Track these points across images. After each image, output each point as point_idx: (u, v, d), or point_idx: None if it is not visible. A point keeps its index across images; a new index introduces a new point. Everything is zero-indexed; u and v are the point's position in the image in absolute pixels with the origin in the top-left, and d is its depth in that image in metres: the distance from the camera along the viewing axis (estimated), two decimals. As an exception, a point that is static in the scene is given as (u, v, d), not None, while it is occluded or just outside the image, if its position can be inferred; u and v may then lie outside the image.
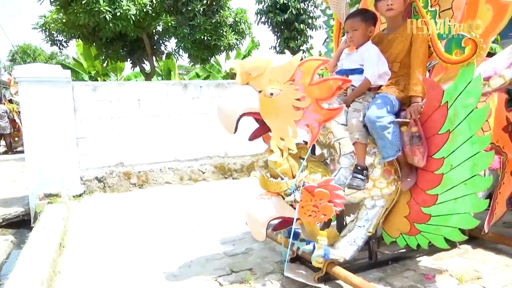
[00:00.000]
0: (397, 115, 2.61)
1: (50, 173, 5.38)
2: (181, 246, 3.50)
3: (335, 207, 2.50)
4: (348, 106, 2.67)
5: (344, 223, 3.08)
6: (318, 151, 2.89)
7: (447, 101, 2.35)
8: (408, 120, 2.52)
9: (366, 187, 2.58)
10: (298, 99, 2.44)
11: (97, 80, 14.34)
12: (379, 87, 2.73)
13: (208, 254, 3.25)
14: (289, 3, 14.50)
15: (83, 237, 3.92)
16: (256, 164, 6.81)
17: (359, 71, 2.70)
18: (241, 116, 2.46)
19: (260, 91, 2.46)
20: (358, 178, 2.52)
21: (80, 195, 5.53)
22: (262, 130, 2.56)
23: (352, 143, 2.59)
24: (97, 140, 5.91)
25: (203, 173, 6.42)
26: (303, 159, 2.60)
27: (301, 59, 2.47)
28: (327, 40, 3.52)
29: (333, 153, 2.73)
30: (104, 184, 5.84)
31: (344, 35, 3.15)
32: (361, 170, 2.54)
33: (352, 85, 2.67)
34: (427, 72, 2.88)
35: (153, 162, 6.19)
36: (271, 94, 2.43)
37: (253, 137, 2.59)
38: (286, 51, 2.61)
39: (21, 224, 5.25)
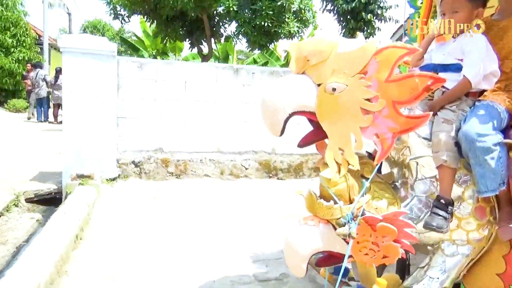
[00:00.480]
0: (504, 133, 1.91)
1: (86, 152, 5.15)
2: (207, 257, 3.03)
3: (401, 249, 1.87)
4: (434, 114, 2.00)
5: (407, 262, 2.43)
6: (385, 169, 2.25)
7: None
8: (524, 142, 1.81)
9: (448, 227, 1.91)
10: (368, 100, 1.82)
11: (156, 59, 14.37)
12: (481, 92, 2.04)
13: (235, 274, 2.75)
14: (358, -10, 13.57)
15: (104, 229, 3.58)
16: (305, 165, 6.20)
17: (455, 67, 2.02)
18: (291, 115, 1.88)
19: (319, 84, 1.87)
20: (439, 215, 1.86)
21: (114, 179, 5.26)
22: (317, 135, 1.98)
23: (436, 166, 1.93)
24: (138, 121, 5.61)
25: (246, 169, 5.93)
26: (367, 178, 1.98)
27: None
28: (411, 24, 2.80)
29: (406, 175, 2.09)
30: (140, 170, 5.54)
31: (434, 18, 2.46)
32: (445, 205, 1.88)
33: (443, 87, 1.99)
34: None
35: (194, 151, 5.79)
36: (334, 89, 1.84)
37: (303, 143, 2.02)
38: (358, 33, 1.99)
39: (53, 201, 5.08)
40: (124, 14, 9.95)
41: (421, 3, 2.48)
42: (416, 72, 1.94)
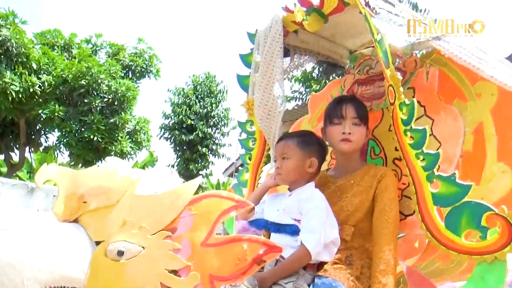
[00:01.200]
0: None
1: None
2: None
3: None
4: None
5: None
6: None
7: (449, 321, 1.33)
8: None
9: None
10: (175, 271, 1.23)
11: None
12: (321, 263, 1.66)
13: None
14: (197, 125, 14.63)
15: None
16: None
17: (292, 230, 1.66)
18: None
19: (98, 243, 1.23)
20: None
21: None
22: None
23: None
24: None
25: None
26: None
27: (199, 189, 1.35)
28: (239, 167, 2.49)
29: None
30: None
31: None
32: None
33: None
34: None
35: None
36: (120, 253, 1.22)
37: None
38: (172, 170, 1.49)
39: None
40: None
41: (253, 145, 2.20)
42: (245, 235, 1.45)
